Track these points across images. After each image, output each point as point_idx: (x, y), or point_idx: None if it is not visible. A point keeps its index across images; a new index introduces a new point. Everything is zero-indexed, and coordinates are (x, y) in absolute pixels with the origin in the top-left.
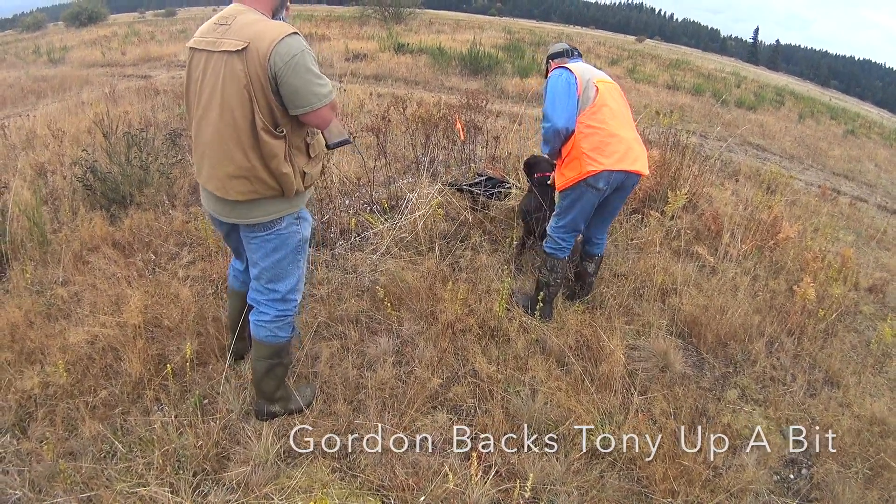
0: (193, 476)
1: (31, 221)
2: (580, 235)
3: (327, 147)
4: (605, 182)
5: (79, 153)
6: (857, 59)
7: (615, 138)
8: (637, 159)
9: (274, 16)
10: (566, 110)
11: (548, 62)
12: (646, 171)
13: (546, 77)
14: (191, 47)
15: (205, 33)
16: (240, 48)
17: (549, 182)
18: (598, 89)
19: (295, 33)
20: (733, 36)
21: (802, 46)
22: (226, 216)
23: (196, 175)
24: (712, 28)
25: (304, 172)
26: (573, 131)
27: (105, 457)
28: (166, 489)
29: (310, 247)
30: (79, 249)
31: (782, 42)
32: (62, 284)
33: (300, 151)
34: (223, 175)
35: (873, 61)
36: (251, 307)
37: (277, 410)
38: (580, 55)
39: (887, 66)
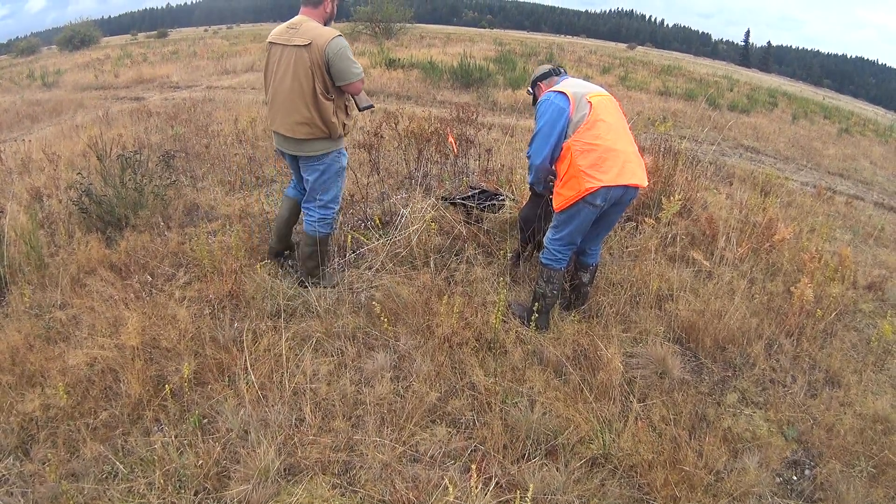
0: (195, 495)
1: (28, 245)
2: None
3: (359, 109)
4: (603, 199)
5: (74, 177)
6: (849, 57)
7: (612, 153)
8: (635, 172)
9: (326, 24)
10: (544, 148)
11: (535, 86)
12: (644, 183)
13: (534, 103)
14: (270, 42)
15: (280, 33)
16: (307, 43)
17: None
18: (591, 105)
19: (340, 36)
20: (724, 39)
21: (794, 47)
22: (292, 151)
23: (270, 124)
24: (703, 32)
25: (344, 123)
26: (561, 157)
27: (107, 477)
28: None
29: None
30: (76, 272)
31: (774, 43)
32: (60, 307)
33: (341, 110)
34: (292, 122)
35: (866, 58)
36: (297, 218)
37: (314, 282)
38: (565, 72)
39: (880, 63)
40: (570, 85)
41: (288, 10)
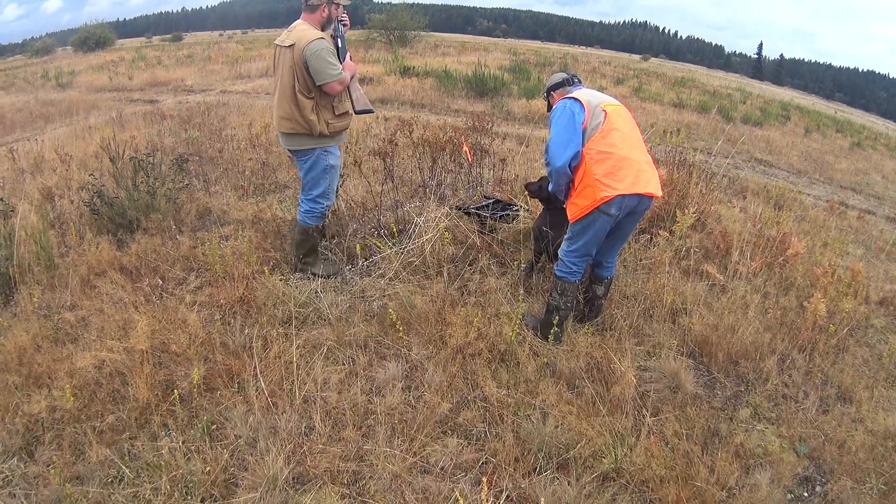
0: (201, 502)
1: (39, 245)
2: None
3: (355, 112)
4: (618, 208)
5: (86, 178)
6: (860, 70)
7: (627, 161)
8: (649, 181)
9: (323, 28)
10: (565, 150)
11: (549, 94)
12: (658, 193)
13: (549, 110)
14: (275, 44)
15: (281, 36)
16: (291, 45)
17: (562, 207)
18: (606, 113)
19: (321, 38)
20: (737, 52)
21: (806, 60)
22: (284, 143)
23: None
24: (716, 45)
25: (328, 122)
26: (577, 166)
27: (112, 482)
28: None
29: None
30: (86, 274)
31: (787, 56)
32: (69, 309)
33: (326, 109)
34: (278, 117)
35: (877, 72)
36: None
37: (303, 267)
38: (580, 81)
39: (891, 77)
40: (584, 94)
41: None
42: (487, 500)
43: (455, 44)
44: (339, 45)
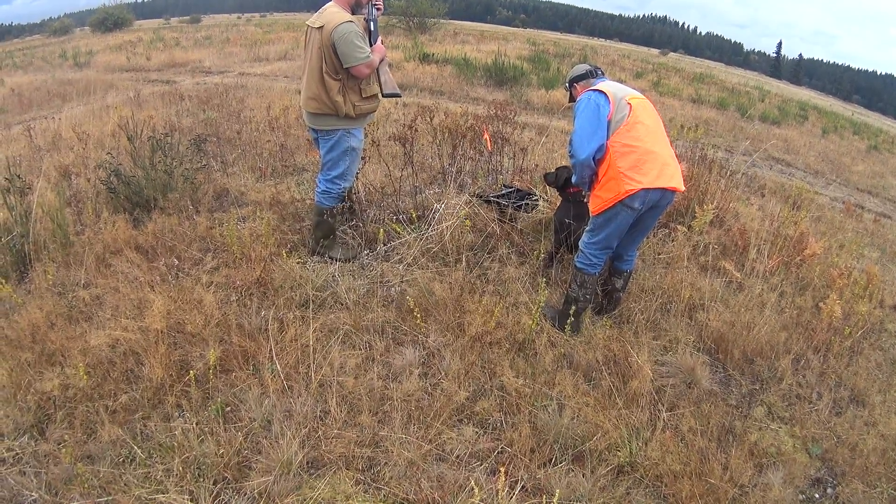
0: (214, 484)
1: (55, 223)
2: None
3: (382, 95)
4: (641, 202)
5: (103, 156)
6: (879, 73)
7: (651, 155)
8: (673, 176)
9: (353, 11)
10: (590, 142)
11: (571, 86)
12: (681, 187)
13: (571, 101)
14: (307, 25)
15: (313, 17)
16: (320, 26)
17: (582, 199)
18: (631, 106)
19: (350, 21)
20: (756, 50)
21: (825, 61)
22: (310, 123)
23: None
24: (735, 42)
25: (355, 105)
26: (601, 158)
27: (124, 462)
28: (185, 497)
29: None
30: (101, 252)
31: (805, 57)
32: (84, 287)
33: (353, 91)
34: (306, 97)
35: (895, 76)
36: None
37: (321, 251)
38: (603, 73)
39: None
40: (608, 86)
41: (323, 0)
42: (503, 490)
43: (474, 32)
44: (371, 28)
